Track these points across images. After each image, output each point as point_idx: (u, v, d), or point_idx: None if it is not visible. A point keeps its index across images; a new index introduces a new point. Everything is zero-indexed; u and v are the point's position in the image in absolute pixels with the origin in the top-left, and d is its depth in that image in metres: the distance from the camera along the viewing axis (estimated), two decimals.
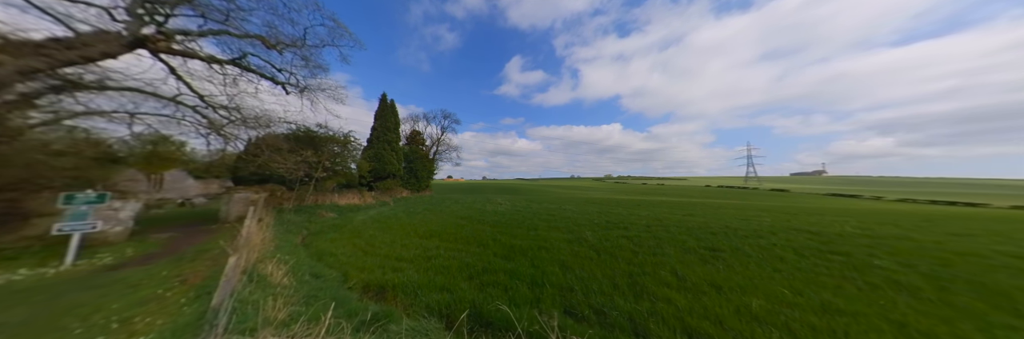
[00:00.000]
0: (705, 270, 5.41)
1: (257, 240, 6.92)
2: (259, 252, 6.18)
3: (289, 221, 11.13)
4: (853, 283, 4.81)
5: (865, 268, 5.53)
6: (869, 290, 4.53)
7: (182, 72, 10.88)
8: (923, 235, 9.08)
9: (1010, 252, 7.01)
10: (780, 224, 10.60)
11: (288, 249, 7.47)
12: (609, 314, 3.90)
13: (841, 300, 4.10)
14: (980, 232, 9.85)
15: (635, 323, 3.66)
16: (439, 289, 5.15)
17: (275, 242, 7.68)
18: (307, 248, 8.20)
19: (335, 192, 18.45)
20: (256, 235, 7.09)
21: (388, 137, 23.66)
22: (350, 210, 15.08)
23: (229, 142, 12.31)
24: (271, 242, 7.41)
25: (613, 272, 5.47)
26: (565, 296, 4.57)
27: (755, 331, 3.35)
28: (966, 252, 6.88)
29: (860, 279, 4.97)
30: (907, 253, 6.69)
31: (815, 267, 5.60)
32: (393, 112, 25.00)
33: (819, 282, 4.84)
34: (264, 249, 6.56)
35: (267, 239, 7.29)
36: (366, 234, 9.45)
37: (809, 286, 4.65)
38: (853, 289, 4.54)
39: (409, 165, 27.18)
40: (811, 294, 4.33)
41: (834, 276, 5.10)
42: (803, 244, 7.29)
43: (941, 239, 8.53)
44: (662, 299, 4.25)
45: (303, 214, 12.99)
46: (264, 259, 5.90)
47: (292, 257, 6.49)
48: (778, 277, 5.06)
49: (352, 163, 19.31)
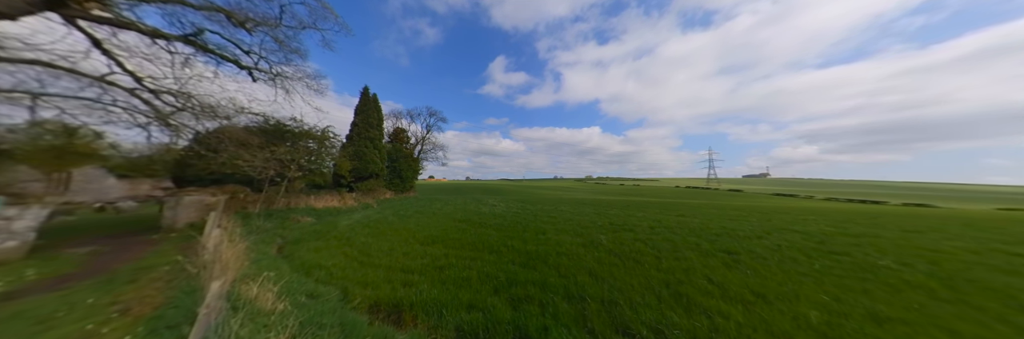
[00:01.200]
0: (735, 276, 5.36)
1: (229, 254, 5.75)
2: (236, 269, 5.09)
3: (259, 228, 9.66)
4: (875, 285, 5.00)
5: (872, 268, 5.85)
6: (894, 292, 4.72)
7: (111, 46, 8.87)
8: (886, 232, 10.09)
9: (965, 247, 7.94)
10: (766, 224, 11.26)
11: (267, 263, 6.35)
12: (669, 333, 3.61)
13: (882, 306, 4.19)
14: (923, 229, 11.19)
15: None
16: (466, 307, 4.55)
17: (249, 254, 6.50)
18: (289, 260, 7.08)
19: (311, 194, 16.64)
20: (227, 247, 5.90)
21: (370, 134, 21.84)
22: (330, 214, 13.62)
23: (178, 134, 10.40)
24: (244, 255, 6.23)
25: (647, 280, 5.23)
26: (611, 312, 4.21)
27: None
28: (934, 249, 7.66)
29: (877, 280, 5.20)
30: (892, 251, 7.28)
31: (830, 269, 5.81)
32: (376, 107, 23.20)
33: (846, 286, 4.97)
34: (239, 265, 5.45)
35: (240, 252, 6.11)
36: (357, 241, 8.43)
37: (842, 291, 4.75)
38: (881, 293, 4.70)
39: (392, 164, 25.57)
40: (850, 300, 4.39)
41: (853, 278, 5.30)
42: (802, 244, 7.69)
43: (901, 236, 9.52)
44: (715, 312, 4.05)
45: (274, 219, 11.43)
46: (244, 278, 4.87)
47: (274, 272, 5.47)
48: (808, 282, 5.14)
49: (330, 161, 17.52)
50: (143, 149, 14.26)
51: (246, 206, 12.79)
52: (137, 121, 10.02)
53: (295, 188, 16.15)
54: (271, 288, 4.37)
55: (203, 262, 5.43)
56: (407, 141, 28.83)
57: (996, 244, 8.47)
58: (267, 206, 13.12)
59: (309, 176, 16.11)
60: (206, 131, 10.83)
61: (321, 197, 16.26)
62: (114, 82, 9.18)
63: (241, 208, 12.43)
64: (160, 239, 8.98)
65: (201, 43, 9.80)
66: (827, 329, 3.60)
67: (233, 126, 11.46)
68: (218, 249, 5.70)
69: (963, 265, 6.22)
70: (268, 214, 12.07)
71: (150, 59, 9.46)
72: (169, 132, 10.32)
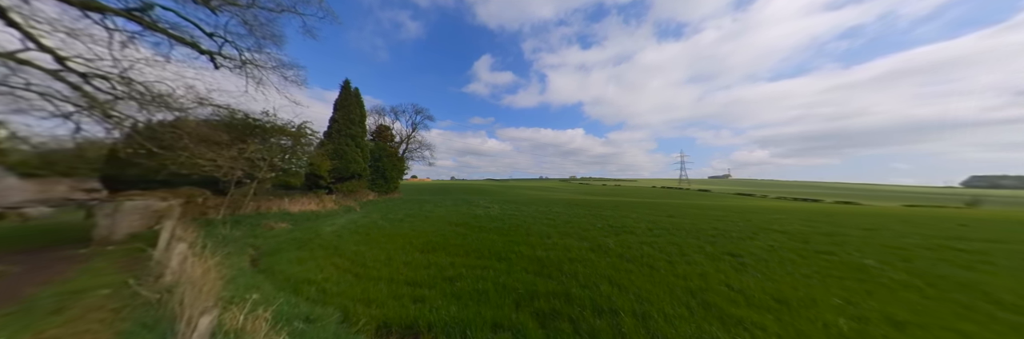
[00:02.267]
0: (750, 280, 5.48)
1: (198, 271, 4.83)
2: (212, 293, 4.24)
3: (224, 237, 8.40)
4: (873, 286, 5.34)
5: (861, 268, 6.30)
6: (891, 292, 5.06)
7: (20, 15, 7.19)
8: (850, 231, 11.12)
9: (918, 244, 8.92)
10: (747, 224, 11.96)
11: (245, 281, 5.47)
12: None
13: (891, 308, 4.43)
14: (875, 227, 12.52)
15: None
16: (491, 326, 4.17)
17: (220, 271, 5.54)
18: (268, 275, 6.19)
19: (284, 196, 15.01)
20: (196, 264, 4.95)
21: (352, 131, 20.24)
22: (308, 219, 12.34)
23: (119, 126, 8.74)
24: (216, 272, 5.29)
25: (670, 288, 5.17)
26: (648, 326, 4.04)
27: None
28: (896, 246, 8.51)
29: (872, 280, 5.58)
30: (866, 249, 7.95)
31: (826, 270, 6.17)
32: (358, 103, 21.56)
33: (849, 287, 5.26)
34: (213, 286, 4.57)
35: (210, 269, 5.16)
36: (347, 250, 7.62)
37: (849, 293, 5.00)
38: (883, 294, 5.01)
39: (375, 164, 24.03)
40: (861, 303, 4.62)
41: (851, 279, 5.65)
42: (791, 245, 8.19)
43: (864, 234, 10.54)
44: (750, 324, 4.03)
45: (243, 226, 10.09)
46: (224, 303, 4.06)
47: (256, 293, 4.67)
48: (815, 284, 5.37)
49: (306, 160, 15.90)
50: (66, 142, 11.95)
51: (206, 212, 11.17)
52: (61, 110, 8.28)
53: (262, 189, 14.50)
54: (263, 315, 3.66)
55: (165, 285, 4.50)
56: (392, 139, 27.32)
57: (938, 240, 9.63)
58: (232, 211, 11.59)
59: (282, 177, 14.54)
60: (159, 125, 9.23)
61: (297, 200, 14.76)
62: (29, 61, 7.48)
63: (200, 214, 10.84)
64: (91, 254, 7.44)
65: (148, 20, 8.31)
66: (856, 336, 3.70)
67: (194, 120, 9.89)
68: (184, 267, 4.77)
69: (928, 262, 6.92)
70: (235, 220, 10.65)
71: (77, 35, 7.83)
72: (107, 124, 8.63)
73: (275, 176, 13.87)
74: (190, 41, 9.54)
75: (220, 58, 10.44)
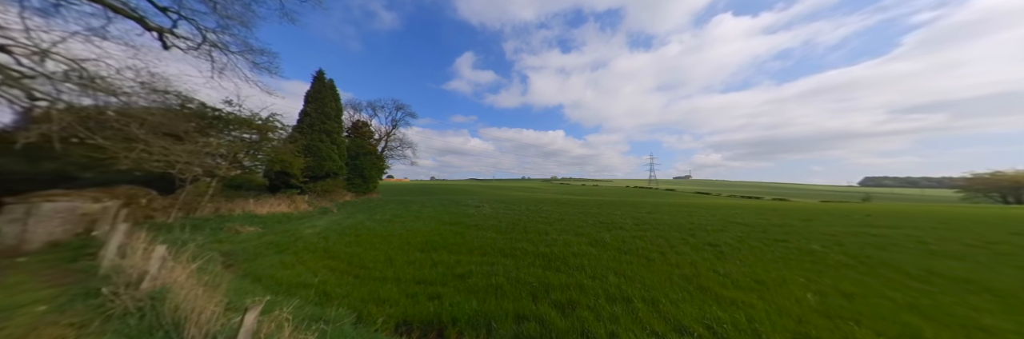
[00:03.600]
0: (732, 266, 6.23)
1: (182, 276, 4.29)
2: (208, 295, 3.79)
3: (184, 243, 7.34)
4: (823, 267, 6.38)
5: (810, 252, 7.46)
6: (837, 270, 6.09)
7: None
8: (793, 222, 12.95)
9: (844, 231, 10.68)
10: (714, 219, 13.37)
11: (234, 285, 4.95)
12: (719, 329, 3.97)
13: (842, 284, 5.36)
14: (810, 218, 14.72)
15: (752, 334, 3.82)
16: (515, 318, 4.30)
17: (201, 276, 4.93)
18: (253, 279, 5.65)
19: (250, 197, 13.45)
20: (176, 268, 4.36)
21: (327, 126, 18.62)
22: (279, 221, 11.23)
23: (31, 108, 7.22)
24: (197, 277, 4.70)
25: (668, 276, 5.68)
26: (659, 310, 4.45)
27: (836, 324, 3.99)
28: (829, 233, 10.14)
29: (821, 262, 6.65)
30: (810, 237, 9.39)
31: (785, 255, 7.21)
32: (333, 95, 19.85)
33: (807, 268, 6.23)
34: (204, 290, 4.08)
35: (193, 274, 4.58)
36: (339, 252, 7.17)
37: (808, 273, 5.92)
38: (831, 272, 6.01)
39: (353, 162, 22.28)
40: (818, 280, 5.51)
41: (806, 261, 6.68)
42: (755, 235, 9.37)
43: (804, 224, 12.35)
44: (740, 303, 4.62)
45: (203, 231, 8.93)
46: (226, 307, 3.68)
47: (249, 296, 4.28)
48: (780, 267, 6.27)
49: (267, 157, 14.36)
50: None
51: (152, 215, 9.63)
52: None
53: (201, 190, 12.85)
54: (284, 316, 3.40)
55: (148, 292, 3.94)
56: (370, 136, 25.60)
57: (856, 228, 11.65)
58: (186, 213, 10.15)
59: (245, 175, 13.05)
60: (97, 111, 7.79)
61: (264, 201, 13.31)
62: None
63: (145, 217, 9.33)
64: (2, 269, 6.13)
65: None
66: (822, 307, 4.45)
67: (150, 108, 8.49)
68: (165, 273, 4.22)
69: (855, 245, 8.38)
70: (193, 224, 9.36)
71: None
72: (15, 107, 7.10)
73: (239, 174, 12.41)
74: (134, 15, 8.23)
75: (172, 37, 9.11)
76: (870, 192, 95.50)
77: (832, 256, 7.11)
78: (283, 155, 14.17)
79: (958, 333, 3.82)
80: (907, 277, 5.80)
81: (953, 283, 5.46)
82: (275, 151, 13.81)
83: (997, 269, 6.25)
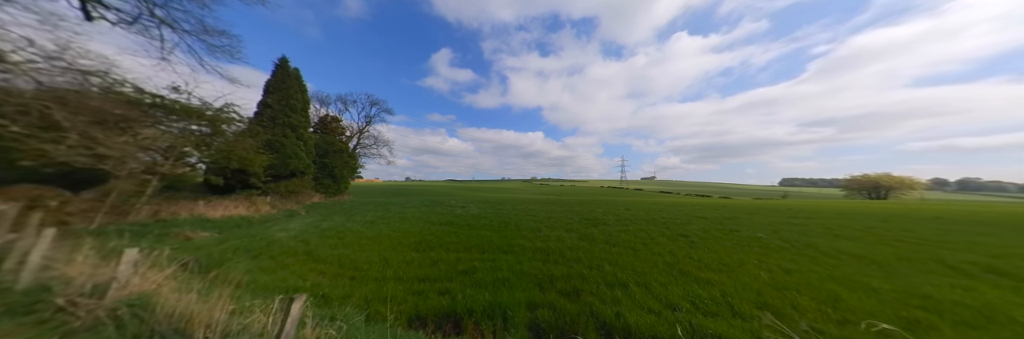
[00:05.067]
0: (702, 253, 7.17)
1: (159, 280, 3.83)
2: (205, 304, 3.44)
3: (119, 250, 6.29)
4: (769, 250, 7.60)
5: (758, 240, 8.82)
6: (780, 253, 7.34)
7: None
8: (739, 215, 14.93)
9: (778, 221, 12.65)
10: (681, 214, 14.90)
11: (217, 292, 4.49)
12: (701, 304, 4.62)
13: (784, 263, 6.49)
14: (751, 212, 17.04)
15: (726, 305, 4.52)
16: (527, 305, 4.58)
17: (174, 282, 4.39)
18: (234, 286, 5.14)
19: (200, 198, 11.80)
20: (152, 274, 3.86)
21: (292, 120, 16.89)
22: (238, 225, 10.09)
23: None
24: (172, 282, 4.19)
25: (653, 264, 6.39)
26: (652, 292, 5.03)
27: (784, 294, 4.87)
28: (768, 224, 11.95)
29: (766, 247, 7.91)
30: (755, 227, 10.98)
31: (740, 242, 8.42)
32: (299, 87, 18.04)
33: (756, 251, 7.38)
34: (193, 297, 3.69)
35: (168, 279, 4.07)
36: (326, 255, 6.79)
37: (758, 256, 7.04)
38: (776, 255, 7.23)
39: (322, 160, 20.44)
40: (768, 261, 6.63)
41: (756, 247, 7.90)
42: (715, 227, 10.69)
43: (748, 218, 14.31)
44: (714, 281, 5.42)
45: (146, 238, 7.72)
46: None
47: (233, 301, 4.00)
48: (738, 252, 7.37)
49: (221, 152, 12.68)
50: None
51: (66, 220, 8.03)
52: None
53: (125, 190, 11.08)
54: (306, 314, 3.25)
55: (113, 305, 3.46)
56: (342, 133, 23.56)
57: (786, 218, 13.84)
58: (118, 218, 8.63)
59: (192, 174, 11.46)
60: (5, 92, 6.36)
61: (217, 203, 11.77)
62: None
63: (59, 223, 7.76)
64: None
65: None
66: (773, 281, 5.39)
67: (86, 91, 7.10)
68: (134, 281, 3.76)
69: (789, 233, 10.02)
70: (131, 231, 8.03)
71: None
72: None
73: (186, 172, 10.83)
74: None
75: (101, 8, 7.77)
76: (787, 191, 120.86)
77: (774, 242, 8.48)
78: (241, 151, 12.66)
79: (860, 294, 4.93)
80: (824, 255, 7.19)
81: (852, 258, 6.93)
82: (231, 146, 12.27)
83: (877, 247, 8.00)
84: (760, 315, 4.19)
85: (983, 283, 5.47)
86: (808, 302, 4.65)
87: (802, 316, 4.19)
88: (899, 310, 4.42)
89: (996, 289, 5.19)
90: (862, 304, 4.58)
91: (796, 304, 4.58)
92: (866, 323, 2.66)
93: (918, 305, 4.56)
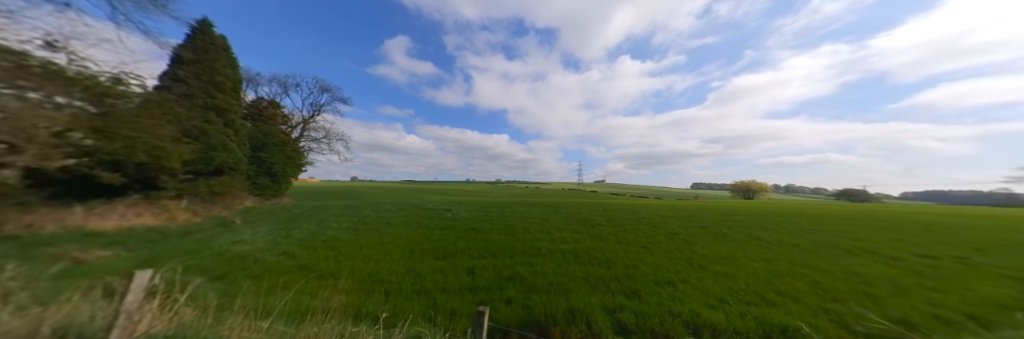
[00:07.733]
0: (698, 248, 8.20)
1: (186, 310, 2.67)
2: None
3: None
4: (741, 244, 9.00)
5: (727, 235, 10.39)
6: (751, 245, 8.84)
7: None
8: (692, 214, 17.27)
9: (723, 220, 15.08)
10: (649, 214, 16.55)
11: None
12: (740, 295, 5.22)
13: (763, 254, 7.78)
14: (699, 211, 19.88)
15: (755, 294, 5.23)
16: (604, 310, 4.61)
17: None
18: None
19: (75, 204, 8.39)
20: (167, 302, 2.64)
21: (218, 102, 13.10)
22: (149, 240, 7.58)
23: None
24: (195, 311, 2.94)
25: (669, 260, 7.05)
26: (696, 288, 5.48)
27: (784, 281, 5.84)
28: (719, 221, 14.14)
29: (735, 241, 9.38)
30: (717, 223, 12.85)
31: (715, 238, 9.80)
32: (228, 60, 14.10)
33: (733, 245, 8.75)
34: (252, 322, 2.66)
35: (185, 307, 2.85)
36: (331, 269, 5.82)
37: (737, 248, 8.33)
38: (749, 247, 8.67)
39: (256, 154, 16.33)
40: (749, 253, 7.87)
41: (726, 240, 9.37)
42: (687, 224, 12.21)
43: (698, 215, 16.65)
44: (729, 274, 6.25)
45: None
46: None
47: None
48: (723, 246, 8.63)
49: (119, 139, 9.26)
50: None
51: None
52: None
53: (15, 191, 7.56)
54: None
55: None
56: (284, 121, 19.17)
57: (726, 217, 16.58)
58: None
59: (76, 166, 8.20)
60: None
61: (106, 209, 8.47)
62: None
63: None
64: None
65: None
66: (761, 269, 6.44)
67: None
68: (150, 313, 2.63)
69: (741, 228, 12.08)
70: None
71: None
72: None
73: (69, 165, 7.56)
74: None
75: None
76: (698, 193, 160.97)
77: (736, 236, 10.14)
78: (152, 138, 9.45)
79: (824, 276, 6.21)
80: (777, 245, 9.03)
81: (791, 247, 8.76)
82: (136, 130, 8.99)
83: (798, 236, 10.18)
84: (782, 301, 4.95)
85: (872, 260, 7.28)
86: (802, 286, 5.65)
87: (809, 300, 5.03)
88: (855, 287, 5.65)
89: (884, 265, 6.92)
90: (833, 285, 5.72)
91: (797, 289, 5.51)
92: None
93: (860, 281, 5.89)
